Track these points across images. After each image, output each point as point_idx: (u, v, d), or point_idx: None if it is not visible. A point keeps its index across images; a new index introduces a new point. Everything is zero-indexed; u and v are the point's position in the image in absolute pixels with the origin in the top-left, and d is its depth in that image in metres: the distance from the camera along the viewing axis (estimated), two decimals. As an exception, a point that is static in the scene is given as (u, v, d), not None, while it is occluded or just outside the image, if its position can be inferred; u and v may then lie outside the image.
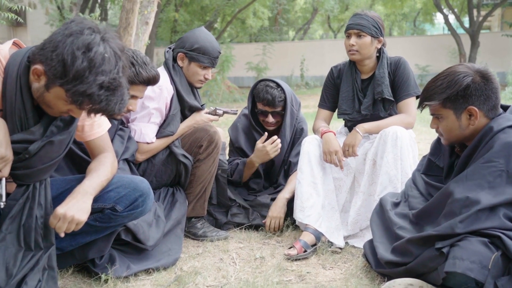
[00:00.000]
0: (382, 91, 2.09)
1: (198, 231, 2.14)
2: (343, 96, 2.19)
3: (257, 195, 2.38)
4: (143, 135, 2.00)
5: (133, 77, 1.75)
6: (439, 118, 1.56)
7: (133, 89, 1.78)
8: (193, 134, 2.10)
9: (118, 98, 1.24)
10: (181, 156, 2.05)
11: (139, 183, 1.57)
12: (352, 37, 2.09)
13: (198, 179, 2.10)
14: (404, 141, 1.94)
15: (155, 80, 1.82)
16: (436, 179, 1.67)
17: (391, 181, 1.94)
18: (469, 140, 1.56)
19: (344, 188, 2.15)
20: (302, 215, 2.02)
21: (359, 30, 2.07)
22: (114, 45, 1.24)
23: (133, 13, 5.46)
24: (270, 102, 2.30)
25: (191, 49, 2.10)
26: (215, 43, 2.14)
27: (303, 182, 2.06)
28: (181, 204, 2.05)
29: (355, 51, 2.08)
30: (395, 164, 1.95)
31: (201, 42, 2.10)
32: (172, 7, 14.64)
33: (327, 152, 2.05)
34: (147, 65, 1.79)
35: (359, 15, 2.10)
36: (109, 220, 1.56)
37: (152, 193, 1.62)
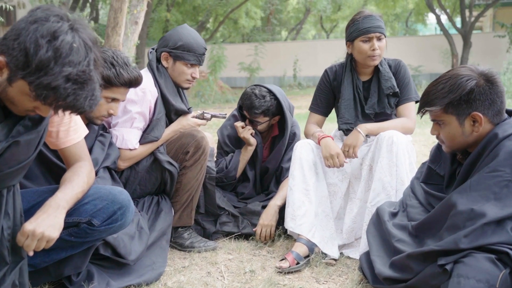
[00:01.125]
0: (393, 85, 2.01)
1: (185, 242, 2.02)
2: (345, 105, 2.06)
3: (248, 202, 2.27)
4: (125, 141, 1.88)
5: (114, 79, 1.64)
6: (440, 124, 1.47)
7: (114, 92, 1.67)
8: (179, 140, 1.99)
9: (88, 93, 1.12)
10: (166, 163, 1.94)
11: (117, 195, 1.45)
12: (374, 41, 1.97)
13: (185, 187, 1.99)
14: (400, 147, 1.85)
15: (138, 81, 1.71)
16: (437, 188, 1.57)
17: (385, 188, 1.85)
18: (472, 147, 1.47)
19: (339, 194, 2.05)
20: (294, 224, 1.91)
21: (381, 33, 1.97)
22: (85, 36, 1.13)
23: (122, 12, 5.33)
24: (249, 110, 2.22)
25: (175, 47, 1.99)
26: (199, 39, 2.03)
27: (294, 189, 1.96)
28: (166, 214, 1.94)
29: (378, 55, 1.98)
30: (389, 170, 1.85)
31: (184, 39, 1.99)
32: (164, 7, 14.50)
33: (329, 156, 1.94)
34: (129, 66, 1.68)
35: (373, 17, 1.99)
36: (86, 235, 1.44)
37: (133, 205, 1.50)
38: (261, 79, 15.29)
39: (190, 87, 2.08)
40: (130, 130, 1.90)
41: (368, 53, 1.98)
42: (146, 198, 1.98)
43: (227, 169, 2.26)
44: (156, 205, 1.96)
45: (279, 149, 2.30)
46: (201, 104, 10.26)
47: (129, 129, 1.89)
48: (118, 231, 1.49)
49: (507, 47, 11.95)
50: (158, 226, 1.88)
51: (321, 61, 15.16)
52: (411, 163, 1.92)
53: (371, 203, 1.86)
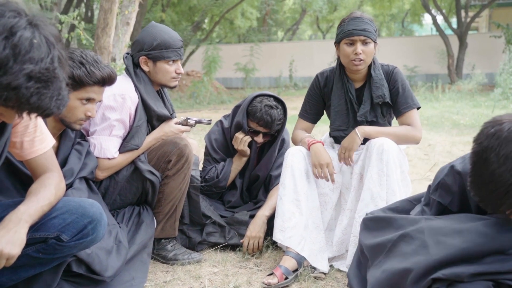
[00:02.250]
0: (383, 94, 1.89)
1: (168, 254, 1.93)
2: (336, 111, 1.96)
3: (235, 211, 2.18)
4: (103, 150, 1.79)
5: (85, 78, 1.55)
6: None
7: (88, 91, 1.58)
8: (161, 148, 1.89)
9: (53, 92, 1.04)
10: (147, 173, 1.85)
11: (88, 208, 1.36)
12: (358, 45, 1.84)
13: (167, 197, 1.89)
14: (391, 155, 1.76)
15: (111, 78, 1.62)
16: None
17: (373, 199, 1.75)
18: None
19: (329, 205, 1.96)
20: (283, 237, 1.82)
21: (366, 36, 1.84)
22: (47, 32, 1.05)
23: (112, 13, 5.22)
24: (268, 124, 2.10)
25: (152, 48, 1.89)
26: (173, 33, 1.94)
27: (285, 199, 1.86)
28: (147, 226, 1.85)
29: (361, 60, 1.85)
30: (379, 180, 1.76)
31: (159, 38, 1.89)
32: (159, 7, 14.39)
33: (318, 164, 1.85)
34: (99, 63, 1.59)
35: (360, 19, 1.86)
36: (54, 251, 1.34)
37: (105, 218, 1.40)
38: (257, 79, 15.22)
39: (178, 84, 1.98)
40: (108, 138, 1.80)
41: (350, 56, 1.86)
42: (127, 209, 1.89)
43: (218, 179, 2.17)
44: (137, 216, 1.87)
45: (269, 156, 2.20)
46: (196, 105, 10.16)
47: (108, 137, 1.80)
48: (89, 246, 1.40)
49: (503, 47, 11.92)
50: (139, 238, 1.79)
51: (317, 62, 15.10)
52: (403, 171, 1.83)
53: (359, 214, 1.77)
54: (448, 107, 7.94)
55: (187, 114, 8.13)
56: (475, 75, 11.15)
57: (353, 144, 1.84)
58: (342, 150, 1.86)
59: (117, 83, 1.72)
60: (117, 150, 1.83)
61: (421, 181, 3.29)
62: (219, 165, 2.21)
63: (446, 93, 9.83)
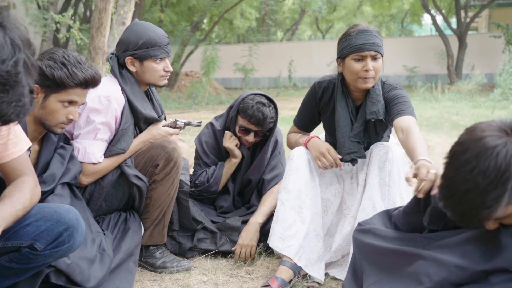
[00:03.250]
0: (378, 111, 1.71)
1: (157, 262, 1.85)
2: (342, 133, 1.77)
3: (227, 217, 2.10)
4: (87, 155, 1.71)
5: (67, 79, 1.48)
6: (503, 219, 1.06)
7: (69, 93, 1.51)
8: (148, 152, 1.81)
9: (12, 97, 0.97)
10: (133, 178, 1.77)
11: (64, 214, 1.28)
12: (368, 60, 1.68)
13: (155, 203, 1.82)
14: (395, 165, 1.65)
15: (95, 80, 1.55)
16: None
17: (375, 209, 1.66)
18: None
19: (330, 210, 1.88)
20: (282, 245, 1.73)
21: (376, 51, 1.68)
22: (14, 34, 0.98)
23: (106, 12, 5.14)
24: (259, 122, 2.01)
25: (137, 47, 1.81)
26: (158, 30, 1.86)
27: (287, 204, 1.76)
28: (134, 232, 1.77)
29: (371, 77, 1.69)
30: (380, 190, 1.67)
31: (144, 36, 1.81)
32: (158, 8, 14.33)
33: (319, 154, 1.74)
34: (82, 64, 1.52)
35: (369, 32, 1.70)
36: (28, 261, 1.27)
37: (83, 224, 1.33)
38: (256, 80, 15.16)
39: (167, 82, 1.90)
40: (93, 142, 1.72)
41: (360, 73, 1.69)
42: (113, 215, 1.81)
43: (209, 183, 2.09)
44: (124, 223, 1.80)
45: (261, 158, 2.12)
46: (194, 106, 10.09)
47: (92, 141, 1.72)
48: (66, 254, 1.33)
49: (502, 47, 11.85)
50: (125, 246, 1.71)
51: (316, 62, 15.04)
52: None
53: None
54: (448, 108, 7.87)
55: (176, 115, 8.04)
56: (475, 75, 11.09)
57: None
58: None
59: (102, 85, 1.65)
60: (102, 155, 1.75)
61: (420, 184, 3.21)
62: (209, 169, 2.13)
63: (445, 94, 9.76)
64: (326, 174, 1.88)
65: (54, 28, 7.69)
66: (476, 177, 0.96)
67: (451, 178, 1.01)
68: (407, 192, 1.73)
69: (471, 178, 0.96)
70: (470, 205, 0.98)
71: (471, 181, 0.96)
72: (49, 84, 1.48)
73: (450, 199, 1.02)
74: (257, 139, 2.10)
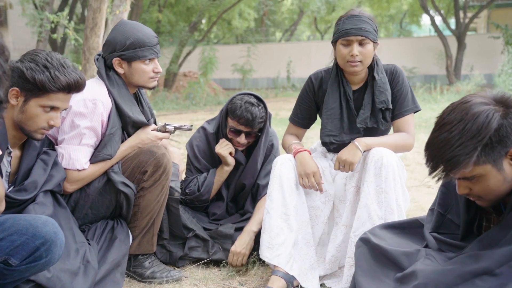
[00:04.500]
0: (387, 100, 1.74)
1: (146, 272, 1.78)
2: (328, 114, 1.79)
3: (220, 224, 2.03)
4: (72, 161, 1.64)
5: (48, 83, 1.40)
6: (472, 179, 1.14)
7: (51, 98, 1.43)
8: (136, 157, 1.74)
9: None
10: (120, 185, 1.69)
11: (40, 227, 1.21)
12: (354, 45, 1.68)
13: (144, 211, 1.75)
14: (390, 170, 1.60)
15: (79, 85, 1.47)
16: (451, 237, 1.29)
17: (371, 217, 1.60)
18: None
19: (321, 219, 1.80)
20: (271, 255, 1.67)
21: (364, 36, 1.68)
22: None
23: (101, 12, 5.07)
24: (248, 122, 1.94)
25: (124, 48, 1.73)
26: (147, 29, 1.78)
27: (272, 213, 1.71)
28: (121, 242, 1.69)
29: (358, 62, 1.70)
30: (377, 197, 1.61)
31: (132, 36, 1.74)
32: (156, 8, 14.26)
33: (304, 174, 1.71)
34: (66, 68, 1.44)
35: (358, 17, 1.70)
36: (3, 277, 1.20)
37: (62, 237, 1.26)
38: (255, 80, 15.11)
39: (157, 84, 1.83)
40: (78, 148, 1.65)
41: (346, 58, 1.71)
42: (99, 224, 1.74)
43: (200, 192, 2.01)
44: (110, 232, 1.72)
45: (254, 160, 2.04)
46: (192, 107, 10.03)
47: (77, 146, 1.65)
48: (44, 269, 1.26)
49: (501, 48, 11.82)
50: (111, 257, 1.63)
51: (315, 63, 14.98)
52: (402, 185, 1.68)
53: (355, 233, 1.62)
54: (447, 109, 7.81)
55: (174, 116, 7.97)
56: (474, 76, 11.05)
57: (354, 157, 1.67)
58: (341, 163, 1.69)
59: (88, 87, 1.58)
60: (88, 161, 1.68)
61: (419, 188, 3.15)
62: (200, 176, 2.05)
63: (444, 94, 9.71)
64: None
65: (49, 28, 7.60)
66: (455, 131, 1.09)
67: (435, 130, 1.13)
68: (404, 198, 1.67)
69: (451, 131, 1.10)
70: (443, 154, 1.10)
71: (450, 134, 1.10)
72: (30, 87, 1.40)
73: (430, 147, 1.14)
74: (250, 141, 2.03)
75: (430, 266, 1.18)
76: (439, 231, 1.31)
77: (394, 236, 1.39)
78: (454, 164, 1.09)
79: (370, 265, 1.32)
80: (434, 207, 1.38)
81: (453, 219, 1.30)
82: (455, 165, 1.09)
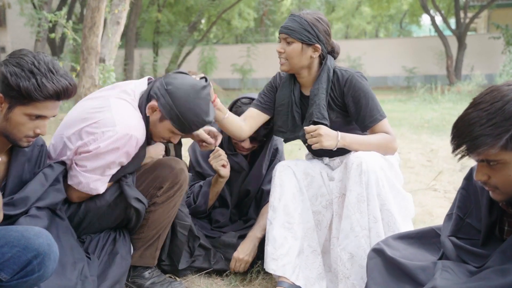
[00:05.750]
0: (312, 113, 1.66)
1: (145, 282, 1.69)
2: (278, 110, 1.79)
3: (223, 232, 1.96)
4: (90, 190, 1.54)
5: (34, 92, 1.28)
6: (493, 165, 1.07)
7: (38, 107, 1.31)
8: (153, 171, 1.62)
9: None
10: (133, 200, 1.57)
11: (33, 239, 1.13)
12: (281, 43, 1.70)
13: (152, 225, 1.66)
14: (372, 176, 1.50)
15: (68, 92, 1.35)
16: (470, 243, 1.22)
17: (353, 229, 1.51)
18: None
19: (324, 224, 1.74)
20: (276, 266, 1.60)
21: (287, 34, 1.67)
22: None
23: (99, 11, 5.00)
24: None
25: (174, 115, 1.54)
26: (205, 115, 1.55)
27: (275, 223, 1.64)
28: (122, 259, 1.60)
29: (284, 59, 1.69)
30: (358, 206, 1.51)
31: (189, 116, 1.53)
32: (155, 8, 14.19)
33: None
34: (55, 74, 1.31)
35: (292, 16, 1.69)
36: (-7, 293, 1.13)
37: (56, 250, 1.17)
38: (254, 80, 15.03)
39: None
40: (99, 178, 1.53)
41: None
42: (102, 235, 1.65)
43: (195, 205, 1.93)
44: (112, 244, 1.63)
45: (259, 166, 1.98)
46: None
47: (99, 176, 1.53)
48: (37, 284, 1.17)
49: (501, 48, 11.77)
50: (111, 274, 1.54)
51: (314, 63, 14.89)
52: (393, 188, 1.56)
53: (340, 246, 1.53)
54: (449, 109, 7.76)
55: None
56: (475, 76, 11.00)
57: (327, 141, 1.55)
58: (312, 132, 1.56)
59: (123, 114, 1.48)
60: (105, 186, 1.57)
61: (425, 191, 3.08)
62: (195, 187, 1.95)
63: (445, 95, 9.66)
64: (313, 185, 1.74)
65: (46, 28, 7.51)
66: (490, 109, 1.04)
67: (468, 108, 1.09)
68: (398, 201, 1.56)
69: (486, 110, 1.05)
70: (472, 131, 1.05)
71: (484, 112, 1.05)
72: (14, 95, 1.28)
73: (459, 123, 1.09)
74: (254, 146, 1.96)
75: (451, 281, 1.11)
76: (457, 235, 1.24)
77: (409, 247, 1.32)
78: (481, 144, 1.03)
79: (384, 278, 1.25)
80: (451, 212, 1.31)
81: (473, 224, 1.24)
82: (481, 144, 1.03)
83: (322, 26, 1.68)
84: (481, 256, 1.17)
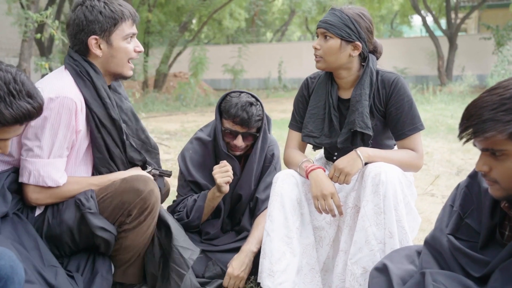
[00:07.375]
0: (354, 121, 1.55)
1: (133, 300, 1.59)
2: (311, 113, 1.65)
3: (213, 244, 1.82)
4: (43, 179, 1.42)
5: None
6: (497, 155, 1.02)
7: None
8: (118, 196, 1.47)
9: None
10: (98, 230, 1.46)
11: None
12: (318, 38, 1.59)
13: (126, 249, 1.55)
14: (390, 187, 1.41)
15: (30, 115, 1.22)
16: (469, 245, 1.14)
17: (368, 242, 1.42)
18: None
19: (326, 241, 1.62)
20: (272, 283, 1.49)
21: (325, 29, 1.55)
22: None
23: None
24: (244, 121, 1.76)
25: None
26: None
27: (273, 235, 1.53)
28: (103, 278, 1.49)
29: (319, 57, 1.58)
30: (375, 218, 1.42)
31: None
32: (146, 8, 14.01)
33: (320, 195, 1.49)
34: (16, 97, 1.17)
35: (331, 11, 1.58)
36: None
37: (20, 272, 1.06)
38: (246, 81, 14.94)
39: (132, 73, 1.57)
40: (49, 161, 1.42)
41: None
42: (80, 255, 1.53)
43: (189, 219, 1.81)
44: (91, 264, 1.52)
45: (250, 167, 1.85)
46: (182, 108, 9.81)
47: (47, 159, 1.42)
48: None
49: (492, 49, 11.83)
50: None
51: (306, 63, 14.88)
52: (408, 203, 1.48)
53: (352, 260, 1.44)
54: (441, 110, 7.74)
55: (164, 118, 7.71)
56: (466, 76, 11.03)
57: (352, 167, 1.49)
58: (337, 172, 1.50)
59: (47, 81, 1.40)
60: (63, 174, 1.45)
61: (423, 196, 3.00)
62: (189, 200, 1.84)
63: (437, 95, 9.65)
64: None
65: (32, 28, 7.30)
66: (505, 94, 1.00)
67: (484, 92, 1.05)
68: (411, 219, 1.49)
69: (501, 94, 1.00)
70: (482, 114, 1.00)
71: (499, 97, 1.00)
72: None
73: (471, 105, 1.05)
74: (248, 144, 1.84)
75: None
76: (456, 235, 1.16)
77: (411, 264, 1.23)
78: (489, 128, 0.98)
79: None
80: (451, 204, 1.22)
81: (472, 225, 1.16)
82: (489, 129, 0.98)
83: (364, 23, 1.56)
84: (480, 262, 1.09)
